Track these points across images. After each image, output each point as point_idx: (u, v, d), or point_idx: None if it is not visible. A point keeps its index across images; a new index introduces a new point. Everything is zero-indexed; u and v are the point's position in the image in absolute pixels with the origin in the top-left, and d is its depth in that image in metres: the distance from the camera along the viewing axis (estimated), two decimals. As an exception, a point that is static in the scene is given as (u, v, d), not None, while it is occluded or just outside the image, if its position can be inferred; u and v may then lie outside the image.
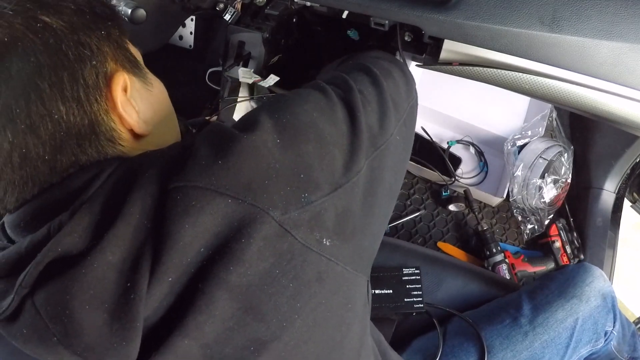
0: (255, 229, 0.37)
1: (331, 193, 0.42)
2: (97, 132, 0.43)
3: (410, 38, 0.73)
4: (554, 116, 1.31)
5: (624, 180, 1.22)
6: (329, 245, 0.41)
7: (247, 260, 0.37)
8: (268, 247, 0.38)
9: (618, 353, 0.86)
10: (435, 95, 1.32)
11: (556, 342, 0.76)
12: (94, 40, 0.44)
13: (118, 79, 0.45)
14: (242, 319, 0.38)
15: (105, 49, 0.45)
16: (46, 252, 0.36)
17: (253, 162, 0.39)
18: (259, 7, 0.89)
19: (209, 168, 0.38)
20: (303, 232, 0.39)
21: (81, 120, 0.42)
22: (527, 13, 0.58)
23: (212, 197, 0.37)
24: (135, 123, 0.46)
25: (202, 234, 0.36)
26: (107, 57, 0.45)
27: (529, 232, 1.26)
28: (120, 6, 0.74)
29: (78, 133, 0.42)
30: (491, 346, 0.76)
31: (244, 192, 0.37)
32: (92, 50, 0.43)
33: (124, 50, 0.48)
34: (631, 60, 0.57)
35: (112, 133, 0.44)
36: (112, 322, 0.35)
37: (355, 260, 0.45)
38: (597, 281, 0.80)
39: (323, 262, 0.41)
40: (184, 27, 1.42)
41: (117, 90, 0.44)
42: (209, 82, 1.30)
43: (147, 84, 0.50)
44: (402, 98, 0.59)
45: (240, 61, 0.90)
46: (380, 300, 0.83)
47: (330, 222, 0.42)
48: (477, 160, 1.35)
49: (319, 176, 0.42)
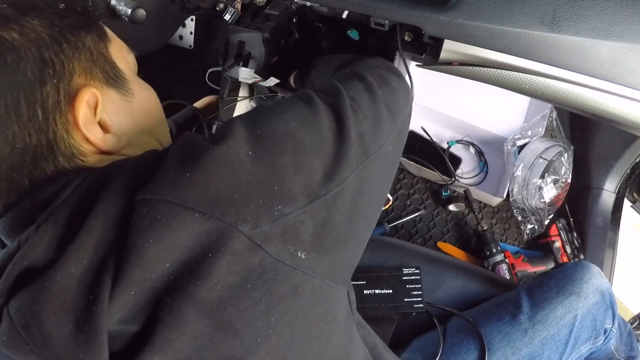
0: (224, 244, 0.36)
1: (308, 205, 0.41)
2: (55, 151, 0.42)
3: (410, 38, 0.73)
4: (554, 116, 1.31)
5: (624, 180, 1.22)
6: (304, 258, 0.40)
7: (215, 275, 0.36)
8: (238, 261, 0.37)
9: (616, 352, 0.86)
10: (435, 95, 1.32)
11: (555, 339, 0.76)
12: (58, 56, 0.42)
13: (83, 95, 0.43)
14: (214, 335, 0.37)
15: (73, 64, 0.43)
16: (13, 266, 0.37)
17: (222, 175, 0.38)
18: (259, 7, 0.89)
19: (177, 181, 0.37)
20: (275, 245, 0.38)
21: (38, 140, 0.41)
22: (527, 13, 0.58)
23: (178, 212, 0.36)
24: (100, 141, 0.45)
25: (167, 249, 0.36)
26: (74, 73, 0.43)
27: (529, 232, 1.26)
28: (120, 6, 0.74)
29: (35, 153, 0.41)
30: (491, 344, 0.76)
31: (211, 207, 0.36)
32: (55, 68, 0.42)
33: (100, 61, 0.46)
34: (631, 60, 0.57)
35: (71, 150, 0.44)
36: (77, 333, 0.35)
37: (335, 272, 0.44)
38: (595, 278, 0.81)
39: (298, 276, 0.40)
40: (184, 27, 1.42)
41: (80, 108, 0.43)
42: (209, 82, 1.30)
43: (126, 95, 0.49)
44: (399, 107, 0.58)
45: (240, 61, 0.90)
46: (380, 300, 0.83)
47: (307, 235, 0.41)
48: (477, 160, 1.35)
49: (294, 188, 0.40)
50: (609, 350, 0.85)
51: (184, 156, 0.39)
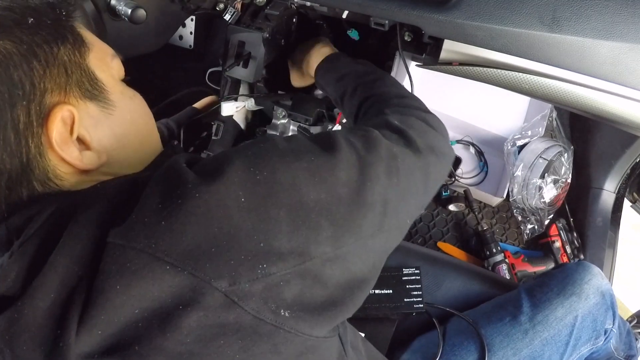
0: (195, 299, 0.34)
1: (298, 265, 0.37)
2: (29, 174, 0.41)
3: (410, 38, 0.73)
4: (554, 116, 1.31)
5: (624, 180, 1.22)
6: (288, 316, 0.37)
7: (185, 328, 0.35)
8: (211, 317, 0.35)
9: (615, 351, 0.86)
10: (435, 95, 1.32)
11: (556, 339, 0.76)
12: (28, 76, 0.40)
13: (55, 114, 0.41)
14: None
15: (45, 82, 0.41)
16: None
17: (201, 225, 0.35)
18: (259, 7, 0.90)
19: (151, 227, 0.35)
20: (255, 302, 0.36)
21: (10, 164, 0.40)
22: (527, 13, 0.58)
23: (149, 262, 0.34)
24: (77, 161, 0.42)
25: (135, 297, 0.34)
26: (45, 92, 0.41)
27: (529, 232, 1.26)
28: (120, 6, 0.74)
29: (9, 178, 0.40)
30: (491, 344, 0.76)
31: (184, 260, 0.34)
32: (24, 88, 0.39)
33: (77, 74, 0.43)
34: (631, 60, 0.57)
35: (46, 174, 0.42)
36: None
37: (323, 327, 0.41)
38: (596, 279, 0.80)
39: (280, 334, 0.37)
40: (184, 27, 1.42)
41: (54, 128, 0.40)
42: (209, 82, 1.30)
43: (106, 107, 0.46)
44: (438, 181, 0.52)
45: (240, 61, 0.90)
46: (380, 300, 0.83)
47: (291, 294, 0.37)
48: (477, 160, 1.35)
49: (284, 247, 0.37)
50: (609, 350, 0.85)
51: (165, 195, 0.36)
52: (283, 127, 1.00)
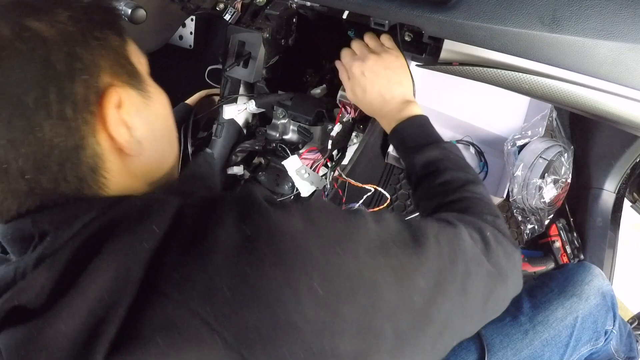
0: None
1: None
2: (80, 157, 0.40)
3: (410, 38, 0.73)
4: (554, 116, 1.31)
5: (624, 180, 1.22)
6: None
7: None
8: None
9: (615, 353, 0.86)
10: (435, 95, 1.32)
11: (556, 340, 0.76)
12: (88, 51, 0.40)
13: (111, 95, 0.41)
14: None
15: (100, 61, 0.41)
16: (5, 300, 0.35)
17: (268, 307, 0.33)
18: (259, 7, 0.90)
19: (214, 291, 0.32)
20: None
21: (65, 140, 0.39)
22: (527, 13, 0.58)
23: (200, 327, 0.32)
24: (126, 143, 0.43)
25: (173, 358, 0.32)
26: (101, 71, 0.41)
27: (529, 232, 1.26)
28: (120, 6, 0.74)
29: (60, 155, 0.39)
30: (491, 345, 0.76)
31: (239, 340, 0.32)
32: (84, 63, 0.40)
33: (123, 60, 0.45)
34: (631, 60, 0.57)
35: (95, 160, 0.41)
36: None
37: None
38: (597, 280, 0.80)
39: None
40: (184, 27, 1.42)
41: (109, 107, 0.41)
42: (209, 81, 1.30)
43: (145, 98, 0.46)
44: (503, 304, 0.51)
45: (240, 61, 0.90)
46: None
47: None
48: (477, 160, 1.35)
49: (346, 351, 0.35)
50: (609, 351, 0.85)
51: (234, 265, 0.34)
52: (283, 127, 1.00)
